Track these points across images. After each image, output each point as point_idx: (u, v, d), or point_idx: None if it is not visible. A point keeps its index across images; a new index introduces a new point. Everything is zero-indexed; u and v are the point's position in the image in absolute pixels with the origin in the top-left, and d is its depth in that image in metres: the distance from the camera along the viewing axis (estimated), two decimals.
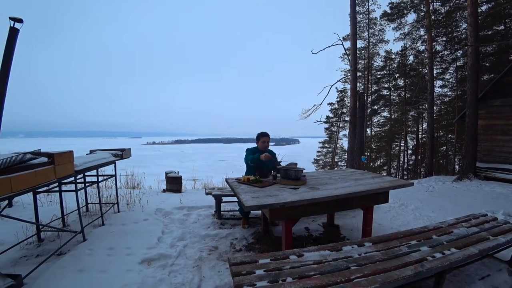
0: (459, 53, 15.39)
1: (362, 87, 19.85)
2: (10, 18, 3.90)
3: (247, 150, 3.73)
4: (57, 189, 3.23)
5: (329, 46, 13.03)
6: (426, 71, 13.89)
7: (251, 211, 3.91)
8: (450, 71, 16.97)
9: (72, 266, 2.54)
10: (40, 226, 3.16)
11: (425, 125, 18.08)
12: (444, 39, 15.36)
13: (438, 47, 15.73)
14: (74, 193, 3.09)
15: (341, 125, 24.09)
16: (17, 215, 3.03)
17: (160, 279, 2.41)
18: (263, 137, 3.67)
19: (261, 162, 3.41)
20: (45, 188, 2.98)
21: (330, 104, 23.29)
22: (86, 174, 3.71)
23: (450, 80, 17.21)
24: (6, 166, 2.14)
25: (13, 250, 2.82)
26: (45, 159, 2.56)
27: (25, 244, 3.01)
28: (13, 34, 3.92)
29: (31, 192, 2.98)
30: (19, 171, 2.21)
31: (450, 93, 17.78)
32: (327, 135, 25.62)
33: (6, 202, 3.86)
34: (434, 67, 14.77)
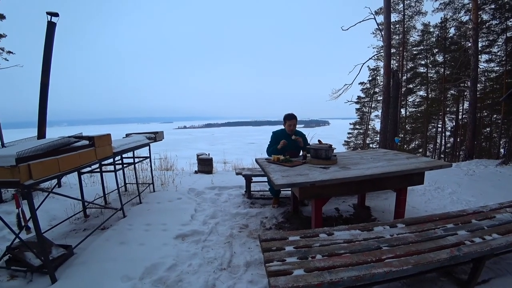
0: (510, 22, 13.76)
1: (396, 64, 18.65)
2: (47, 13, 4.10)
3: (273, 133, 3.72)
4: (98, 170, 3.48)
5: (360, 22, 12.31)
6: (469, 44, 12.66)
7: (281, 191, 3.96)
8: (498, 43, 15.26)
9: (114, 239, 2.77)
10: (86, 204, 3.47)
11: (466, 105, 16.69)
12: (493, 6, 13.72)
13: (485, 16, 14.12)
14: (114, 174, 3.32)
15: (373, 105, 23.00)
16: (65, 194, 3.33)
17: (194, 253, 2.55)
18: (289, 120, 3.58)
19: (284, 146, 3.44)
20: (88, 169, 3.22)
21: (361, 83, 22.23)
22: (123, 156, 3.95)
23: (498, 54, 15.51)
24: (54, 148, 2.34)
25: (64, 224, 3.13)
26: (86, 142, 2.75)
27: (73, 219, 3.32)
28: (51, 28, 4.15)
29: (77, 173, 3.25)
30: (64, 153, 2.40)
31: (497, 68, 16.07)
32: (358, 116, 24.63)
33: (56, 181, 4.24)
34: (480, 40, 13.39)
